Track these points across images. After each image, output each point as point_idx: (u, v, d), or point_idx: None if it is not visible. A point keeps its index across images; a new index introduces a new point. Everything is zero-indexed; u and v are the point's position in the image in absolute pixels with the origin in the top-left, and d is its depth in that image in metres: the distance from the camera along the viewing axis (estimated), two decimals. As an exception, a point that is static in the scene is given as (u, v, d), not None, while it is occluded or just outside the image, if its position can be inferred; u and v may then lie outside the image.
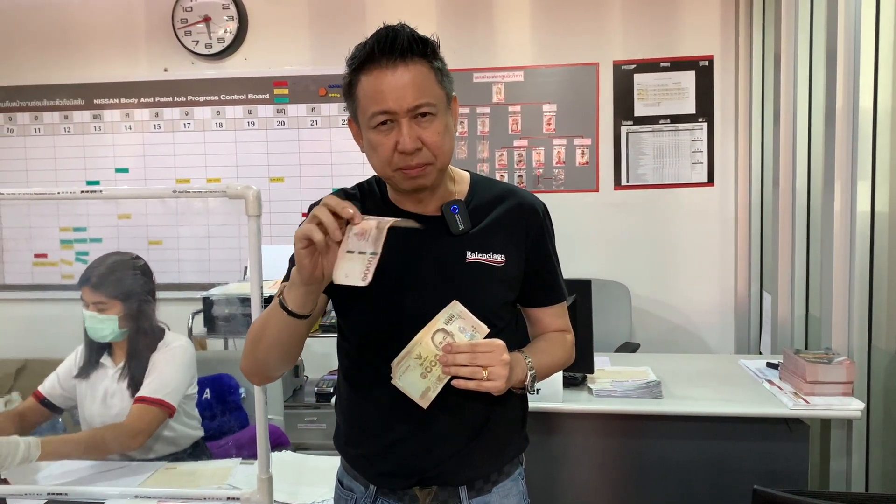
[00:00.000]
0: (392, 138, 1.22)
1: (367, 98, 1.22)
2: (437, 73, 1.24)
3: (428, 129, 1.22)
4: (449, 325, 1.22)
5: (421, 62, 1.21)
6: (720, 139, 3.73)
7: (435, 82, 1.23)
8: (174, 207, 4.08)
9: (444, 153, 1.26)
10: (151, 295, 2.22)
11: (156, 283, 2.27)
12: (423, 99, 1.21)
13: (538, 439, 2.40)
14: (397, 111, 1.20)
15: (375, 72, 1.20)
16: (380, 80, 1.20)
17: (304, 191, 3.98)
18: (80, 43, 4.09)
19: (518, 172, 3.86)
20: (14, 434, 1.90)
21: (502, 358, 1.20)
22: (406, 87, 1.19)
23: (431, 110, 1.22)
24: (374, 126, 1.23)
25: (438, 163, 1.25)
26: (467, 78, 3.83)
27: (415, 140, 1.21)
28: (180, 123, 4.06)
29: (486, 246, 1.32)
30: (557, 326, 1.44)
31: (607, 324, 3.49)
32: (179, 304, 3.34)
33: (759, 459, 2.31)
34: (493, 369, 1.19)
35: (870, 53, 2.34)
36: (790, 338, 2.97)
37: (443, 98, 1.25)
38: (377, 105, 1.20)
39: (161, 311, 2.28)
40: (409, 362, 1.22)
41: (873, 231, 2.39)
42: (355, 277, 1.13)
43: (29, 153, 4.17)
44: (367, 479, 1.37)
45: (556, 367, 1.42)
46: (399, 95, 1.19)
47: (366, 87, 1.22)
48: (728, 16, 3.67)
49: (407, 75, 1.19)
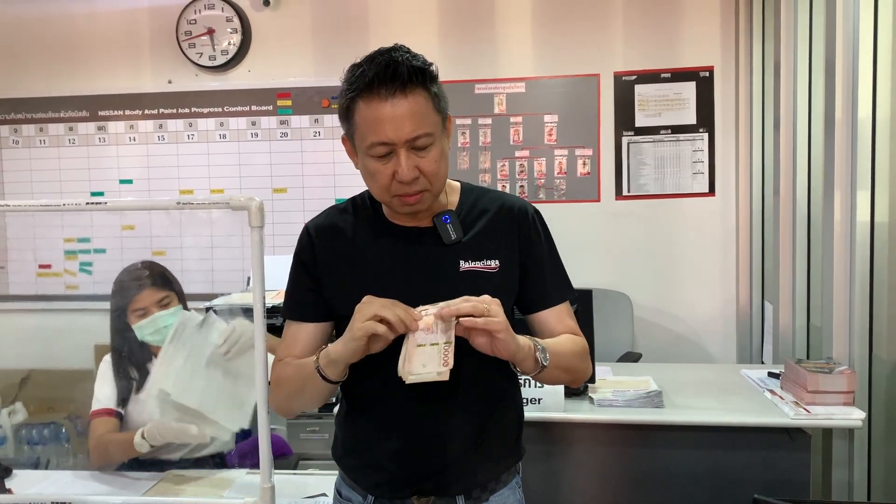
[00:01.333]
0: (390, 167, 1.24)
1: (365, 126, 1.23)
2: (434, 98, 1.26)
3: (426, 158, 1.24)
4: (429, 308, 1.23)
5: (419, 91, 1.23)
6: (721, 149, 3.74)
7: (432, 109, 1.25)
8: (178, 218, 4.10)
9: (439, 179, 1.28)
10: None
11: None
12: (421, 130, 1.22)
13: (539, 449, 2.41)
14: (396, 142, 1.22)
15: (375, 102, 1.21)
16: (379, 111, 1.21)
17: (306, 201, 4.00)
18: (86, 55, 4.12)
19: (520, 183, 3.87)
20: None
21: (496, 302, 1.20)
22: (404, 118, 1.21)
23: (429, 140, 1.24)
24: (373, 155, 1.25)
25: (434, 189, 1.28)
26: (469, 89, 3.85)
27: (413, 170, 1.23)
28: (184, 135, 4.08)
29: (478, 253, 1.33)
30: (564, 329, 1.41)
31: (609, 333, 3.49)
32: (183, 315, 3.35)
33: (760, 469, 2.31)
34: (491, 307, 1.18)
35: (868, 64, 2.35)
36: (792, 347, 2.97)
37: (439, 123, 1.27)
38: (376, 136, 1.22)
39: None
40: (410, 355, 1.21)
41: (873, 241, 2.39)
42: (435, 366, 1.18)
43: (34, 164, 4.20)
44: (365, 488, 1.38)
45: (570, 357, 1.35)
46: (398, 126, 1.21)
47: (365, 115, 1.23)
48: (728, 27, 3.69)
49: (405, 105, 1.21)
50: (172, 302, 2.20)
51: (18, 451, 3.29)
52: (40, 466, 2.53)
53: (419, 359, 1.19)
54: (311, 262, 1.38)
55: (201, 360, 2.07)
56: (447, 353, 1.18)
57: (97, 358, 3.96)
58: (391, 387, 1.25)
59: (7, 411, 3.44)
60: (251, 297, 1.44)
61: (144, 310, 2.17)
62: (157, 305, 2.17)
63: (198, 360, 2.07)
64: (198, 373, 2.07)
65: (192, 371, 2.06)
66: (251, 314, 1.38)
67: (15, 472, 2.10)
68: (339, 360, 1.23)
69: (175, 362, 2.07)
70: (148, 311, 2.17)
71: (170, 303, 2.19)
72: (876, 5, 2.37)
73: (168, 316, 2.17)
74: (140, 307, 2.17)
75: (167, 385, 2.04)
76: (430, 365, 1.18)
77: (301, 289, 1.39)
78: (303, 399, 1.35)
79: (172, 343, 2.08)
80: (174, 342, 2.09)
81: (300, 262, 1.40)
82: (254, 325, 1.37)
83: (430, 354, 1.19)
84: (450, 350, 1.18)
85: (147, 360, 2.22)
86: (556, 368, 1.29)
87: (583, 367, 1.41)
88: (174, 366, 2.07)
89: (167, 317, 2.17)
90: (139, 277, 2.21)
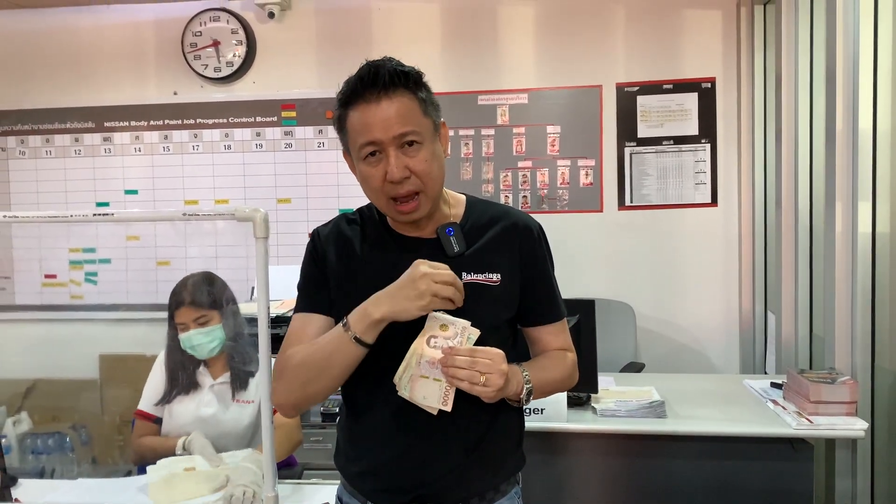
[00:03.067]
0: (381, 168, 1.26)
1: (355, 131, 1.27)
2: (422, 102, 1.28)
3: (415, 157, 1.26)
4: (441, 332, 1.26)
5: (404, 93, 1.26)
6: (723, 160, 3.75)
7: (420, 112, 1.27)
8: (183, 229, 4.12)
9: (432, 180, 1.29)
10: (234, 301, 2.36)
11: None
12: (407, 127, 1.25)
13: (542, 459, 2.42)
14: (383, 140, 1.24)
15: (361, 105, 1.25)
16: (365, 114, 1.24)
17: (310, 211, 4.02)
18: (92, 67, 4.16)
19: (522, 193, 3.89)
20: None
21: (500, 367, 1.23)
22: (390, 117, 1.24)
23: (417, 138, 1.26)
24: (364, 157, 1.27)
25: (428, 190, 1.29)
26: (472, 100, 3.87)
27: (402, 168, 1.25)
28: (189, 146, 4.11)
29: (481, 266, 1.34)
30: (558, 345, 1.45)
31: (612, 344, 3.50)
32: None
33: (763, 479, 2.31)
34: (491, 377, 1.22)
35: (868, 75, 2.37)
36: (794, 357, 2.97)
37: (429, 126, 1.29)
38: (364, 136, 1.25)
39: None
40: (411, 372, 1.25)
41: (875, 251, 2.40)
42: (434, 401, 1.24)
43: (40, 175, 4.23)
44: (365, 495, 1.39)
45: (555, 384, 1.43)
46: (384, 125, 1.24)
47: (353, 121, 1.26)
48: (730, 38, 3.71)
49: (391, 107, 1.24)
50: (211, 321, 2.25)
51: (23, 460, 3.30)
52: (45, 476, 2.53)
53: (421, 390, 1.25)
54: (322, 261, 1.40)
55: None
56: (447, 395, 1.24)
57: (102, 368, 4.00)
58: (390, 394, 1.26)
59: (12, 421, 3.44)
60: (255, 306, 1.45)
61: (184, 325, 2.25)
62: (194, 323, 2.24)
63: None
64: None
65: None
66: (253, 324, 1.39)
67: (20, 481, 2.11)
68: (386, 320, 1.24)
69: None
70: (187, 327, 2.25)
71: (207, 322, 2.25)
72: (876, 17, 2.38)
73: (200, 335, 2.24)
74: (181, 322, 2.26)
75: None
76: (431, 399, 1.24)
77: (313, 282, 1.40)
78: (323, 379, 1.30)
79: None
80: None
81: (312, 259, 1.42)
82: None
83: (431, 389, 1.24)
84: (451, 393, 1.24)
85: (195, 365, 2.31)
86: (540, 395, 1.38)
87: (567, 385, 1.48)
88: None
89: (200, 336, 2.24)
90: (180, 293, 2.28)
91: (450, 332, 1.25)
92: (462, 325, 1.25)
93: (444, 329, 1.25)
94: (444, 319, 1.26)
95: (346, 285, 1.36)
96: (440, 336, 1.25)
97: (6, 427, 3.26)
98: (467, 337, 1.25)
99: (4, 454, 1.91)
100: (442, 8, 3.90)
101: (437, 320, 1.26)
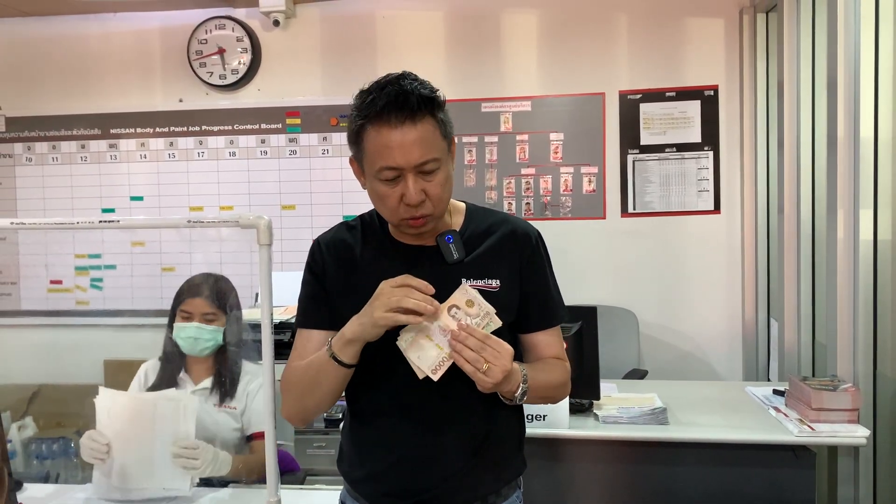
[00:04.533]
0: (398, 191, 1.28)
1: (374, 151, 1.27)
2: (441, 125, 1.29)
3: (432, 182, 1.28)
4: (465, 306, 1.27)
5: (428, 119, 1.27)
6: (726, 167, 3.76)
7: (439, 135, 1.29)
8: (187, 235, 4.14)
9: (442, 202, 1.32)
10: (238, 308, 2.35)
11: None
12: (429, 156, 1.26)
13: (544, 465, 2.42)
14: (405, 167, 1.26)
15: (385, 129, 1.25)
16: (389, 138, 1.25)
17: (315, 218, 4.04)
18: (98, 74, 4.19)
19: (526, 200, 3.90)
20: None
21: (505, 363, 1.24)
22: (413, 144, 1.24)
23: (436, 165, 1.28)
24: (382, 179, 1.28)
25: (437, 212, 1.32)
26: (476, 108, 3.89)
27: (420, 193, 1.27)
28: (194, 152, 4.14)
29: (480, 273, 1.36)
30: (553, 353, 1.46)
31: (615, 350, 3.50)
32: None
33: (765, 487, 2.31)
34: (494, 368, 1.23)
35: (870, 83, 2.38)
36: (797, 365, 2.97)
37: (445, 148, 1.31)
38: (384, 161, 1.26)
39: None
40: (418, 328, 1.26)
41: (876, 258, 2.41)
42: (426, 365, 1.25)
43: (46, 181, 4.26)
44: (368, 500, 1.40)
45: (549, 389, 1.43)
46: (407, 152, 1.25)
47: (374, 141, 1.26)
48: (733, 46, 3.72)
49: (415, 133, 1.25)
50: (216, 321, 2.25)
51: (28, 465, 3.32)
52: (49, 481, 2.55)
53: (419, 350, 1.25)
54: (321, 273, 1.42)
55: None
56: (441, 366, 1.24)
57: (106, 373, 4.01)
58: (393, 398, 1.28)
59: (17, 426, 3.47)
60: (259, 312, 1.47)
61: (190, 315, 2.24)
62: (201, 317, 2.24)
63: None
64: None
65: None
66: (257, 330, 1.40)
67: (25, 485, 2.12)
68: (357, 340, 1.26)
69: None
70: (192, 318, 2.24)
71: (213, 320, 2.25)
72: (877, 25, 2.39)
73: (202, 330, 2.23)
74: (187, 311, 2.25)
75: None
76: (423, 362, 1.25)
77: (313, 298, 1.42)
78: (315, 394, 1.34)
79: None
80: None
81: (311, 272, 1.43)
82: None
83: (430, 353, 1.25)
84: (445, 366, 1.24)
85: (176, 369, 2.30)
86: (533, 397, 1.37)
87: (560, 394, 1.48)
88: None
89: (201, 330, 2.23)
90: (199, 284, 2.30)
91: (473, 311, 1.26)
92: (487, 309, 1.27)
93: (469, 305, 1.27)
94: (472, 295, 1.27)
95: (347, 293, 1.37)
96: (463, 310, 1.26)
97: (11, 432, 3.28)
98: (487, 323, 1.27)
99: (9, 459, 1.92)
100: (445, 16, 3.93)
101: (466, 294, 1.27)
